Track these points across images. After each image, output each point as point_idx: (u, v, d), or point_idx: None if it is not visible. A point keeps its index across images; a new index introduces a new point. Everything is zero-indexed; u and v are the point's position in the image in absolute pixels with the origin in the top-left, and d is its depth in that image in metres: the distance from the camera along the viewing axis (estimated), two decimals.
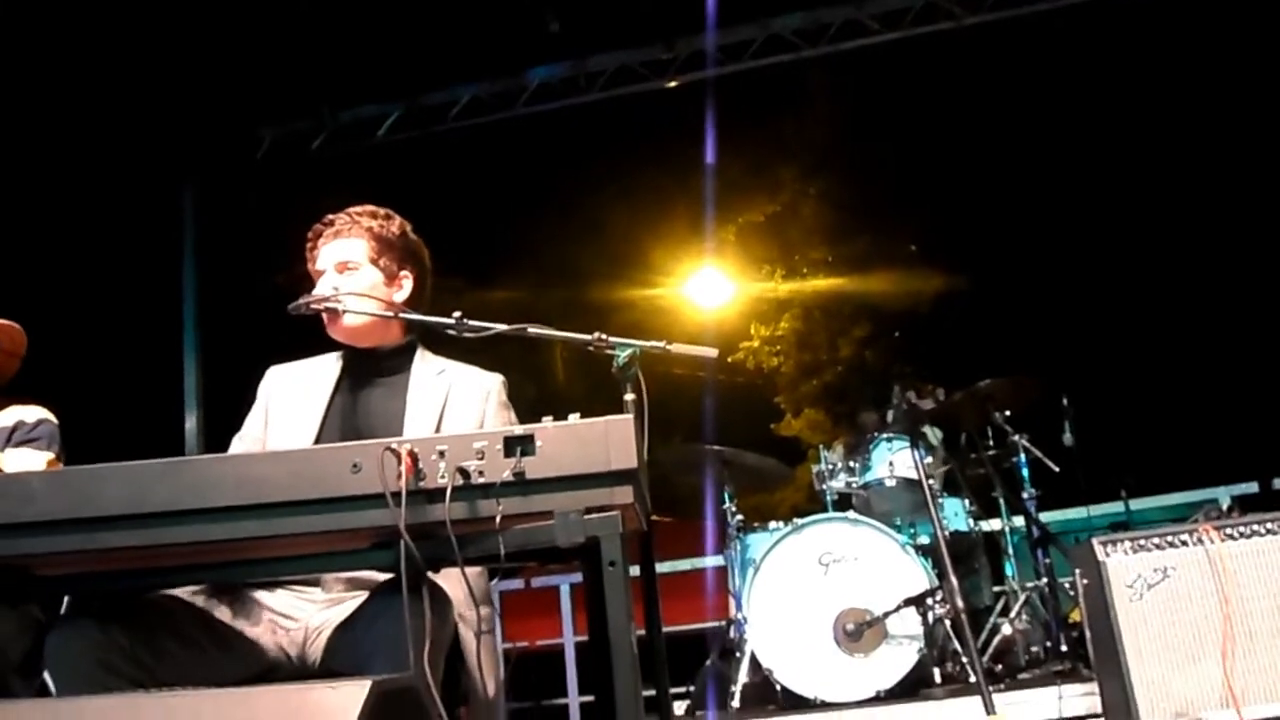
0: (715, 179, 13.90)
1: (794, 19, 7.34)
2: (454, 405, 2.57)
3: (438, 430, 2.51)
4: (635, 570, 2.23)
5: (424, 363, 2.66)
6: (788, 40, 7.38)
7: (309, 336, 2.70)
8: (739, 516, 5.14)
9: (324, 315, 2.58)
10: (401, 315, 2.55)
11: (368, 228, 2.66)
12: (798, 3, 7.33)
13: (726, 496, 5.20)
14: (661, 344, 2.36)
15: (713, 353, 2.44)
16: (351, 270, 2.62)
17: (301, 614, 2.31)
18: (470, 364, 2.67)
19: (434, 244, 2.84)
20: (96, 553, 1.76)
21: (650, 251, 14.47)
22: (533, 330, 2.37)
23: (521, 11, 7.01)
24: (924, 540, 4.88)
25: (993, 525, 5.33)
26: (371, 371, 2.63)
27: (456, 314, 2.34)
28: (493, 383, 2.65)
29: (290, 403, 2.60)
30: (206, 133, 7.59)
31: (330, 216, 2.70)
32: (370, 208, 2.72)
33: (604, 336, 2.34)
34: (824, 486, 5.33)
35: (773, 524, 4.99)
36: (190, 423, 7.55)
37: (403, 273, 2.68)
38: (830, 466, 5.36)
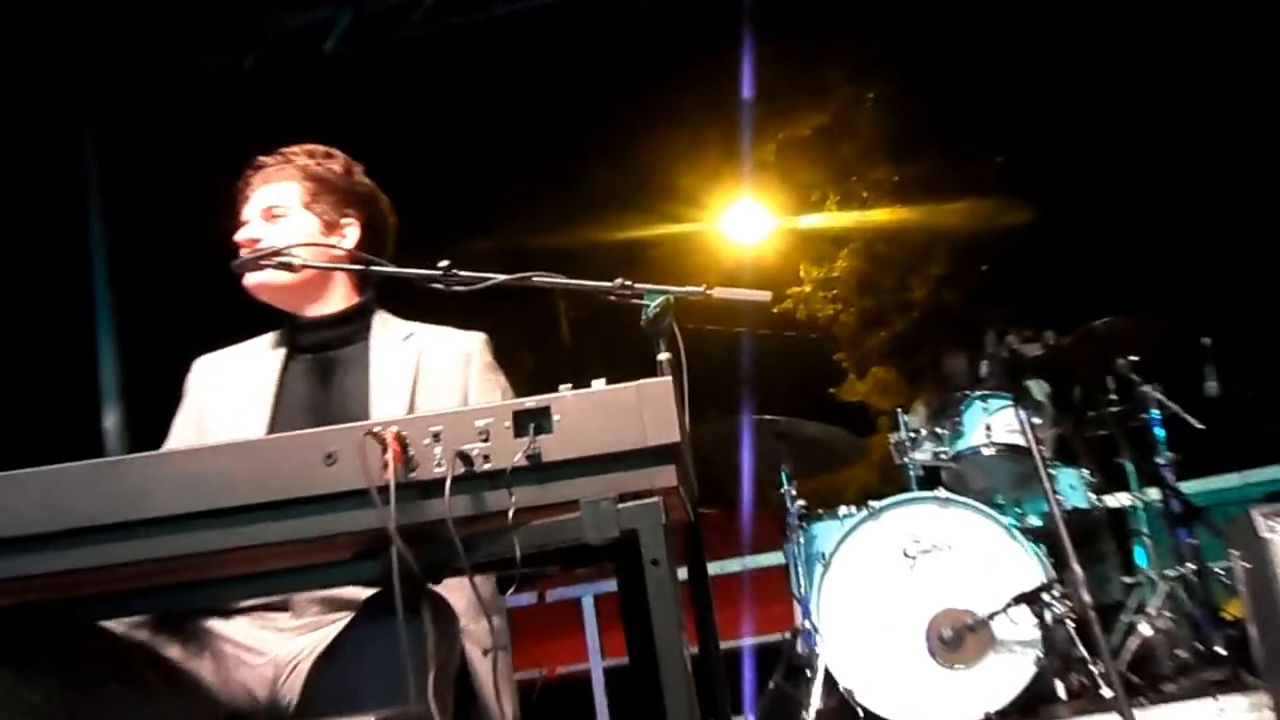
0: (747, 88, 13.80)
1: None
2: (428, 376, 2.60)
3: (411, 407, 2.53)
4: (682, 572, 2.23)
5: (385, 327, 2.68)
6: None
7: (248, 317, 2.71)
8: (800, 503, 5.13)
9: (249, 277, 2.58)
10: (371, 267, 2.54)
11: (301, 166, 2.69)
12: None
13: (783, 478, 5.19)
14: (700, 289, 2.34)
15: (765, 295, 2.43)
16: (279, 217, 2.64)
17: (269, 645, 2.32)
18: (447, 324, 2.69)
19: (405, 185, 2.83)
20: (10, 582, 1.75)
21: (672, 181, 14.40)
22: (538, 279, 2.35)
23: None
24: (1035, 522, 4.87)
25: (1120, 500, 5.30)
26: (324, 343, 2.66)
27: (443, 263, 2.32)
28: (472, 343, 2.68)
29: (228, 395, 2.61)
30: (108, 62, 7.51)
31: (261, 159, 2.72)
32: (307, 146, 2.74)
33: (628, 283, 2.32)
34: (905, 460, 5.31)
35: (843, 510, 4.99)
36: (110, 421, 7.56)
37: (345, 220, 2.70)
38: (911, 435, 5.33)
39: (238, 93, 7.77)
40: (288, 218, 2.65)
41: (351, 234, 2.71)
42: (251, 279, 2.60)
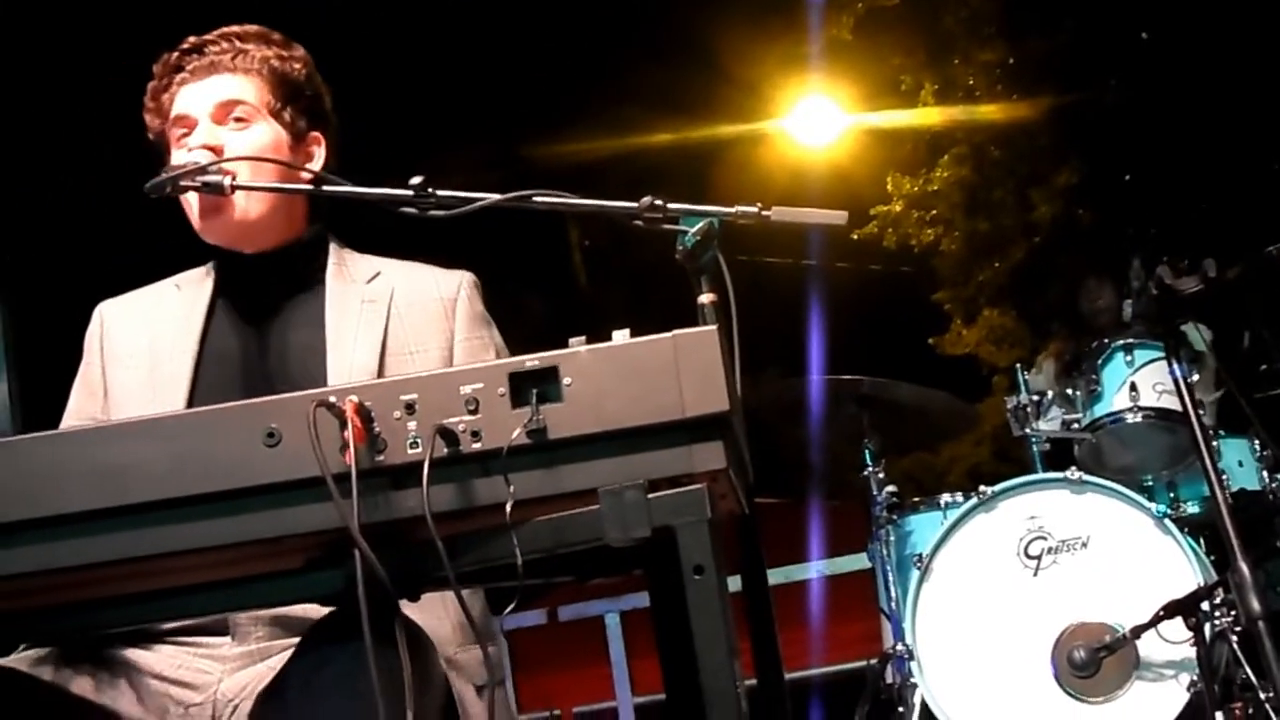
0: None
1: None
2: (401, 326, 2.63)
3: (381, 369, 2.55)
4: (734, 582, 2.24)
5: (344, 266, 2.69)
6: None
7: (165, 248, 2.71)
8: (890, 488, 5.14)
9: (194, 202, 2.58)
10: (332, 189, 2.54)
11: (263, 59, 2.68)
12: None
13: (868, 457, 5.19)
14: (755, 209, 2.33)
15: (841, 216, 2.42)
16: (240, 122, 2.63)
17: (205, 679, 2.34)
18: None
19: (370, 75, 2.83)
20: None
21: (724, 69, 14.30)
22: (541, 198, 2.34)
23: None
24: (1192, 509, 4.87)
25: None
26: (266, 289, 2.67)
27: (415, 179, 2.32)
28: (458, 283, 2.71)
29: (140, 351, 2.62)
30: None
31: (194, 39, 2.71)
32: (259, 28, 2.73)
33: (660, 202, 2.31)
34: (1027, 430, 5.31)
35: (945, 498, 5.00)
36: None
37: (312, 133, 2.74)
38: (1034, 399, 5.33)
39: None
40: (251, 125, 2.65)
41: (319, 153, 2.75)
42: (220, 211, 2.59)
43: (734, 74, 14.21)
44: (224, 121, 2.63)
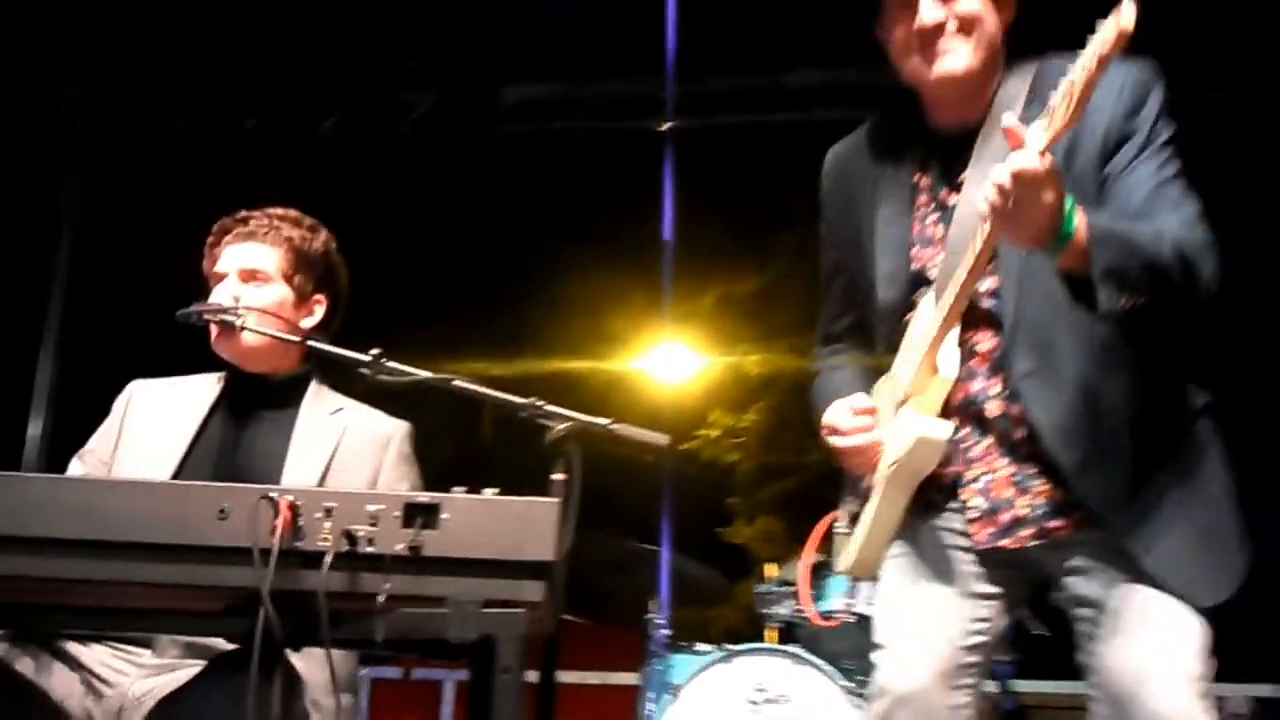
0: (700, 240, 13.94)
1: (810, 75, 7.36)
2: (346, 452, 2.57)
3: (324, 479, 2.51)
4: (534, 675, 2.20)
5: (318, 399, 2.65)
6: (799, 96, 7.42)
7: (190, 347, 2.68)
8: (665, 631, 5.08)
9: (213, 327, 2.55)
10: (310, 342, 2.53)
11: (287, 237, 2.67)
12: (815, 59, 7.31)
13: (651, 606, 5.15)
14: (605, 422, 2.34)
15: (663, 439, 2.41)
16: (260, 282, 2.62)
17: (122, 678, 2.27)
18: (380, 406, 2.66)
19: (360, 266, 2.84)
20: None
21: (610, 315, 14.41)
22: (459, 384, 2.34)
23: (504, 17, 7.06)
24: None
25: None
26: (255, 402, 2.63)
27: (374, 351, 2.31)
28: (395, 430, 2.66)
29: (152, 426, 2.57)
30: (108, 106, 7.49)
31: (245, 213, 2.71)
32: (294, 213, 2.73)
33: (541, 403, 2.31)
34: (766, 611, 5.29)
35: (700, 646, 4.95)
36: (35, 428, 7.40)
37: (317, 296, 2.70)
38: (778, 588, 5.32)
39: (227, 147, 7.73)
40: (267, 285, 2.62)
41: (319, 311, 2.71)
42: (230, 339, 2.56)
43: (616, 328, 14.33)
44: (248, 280, 2.61)
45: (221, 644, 2.10)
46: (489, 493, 1.77)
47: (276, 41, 7.21)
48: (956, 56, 2.26)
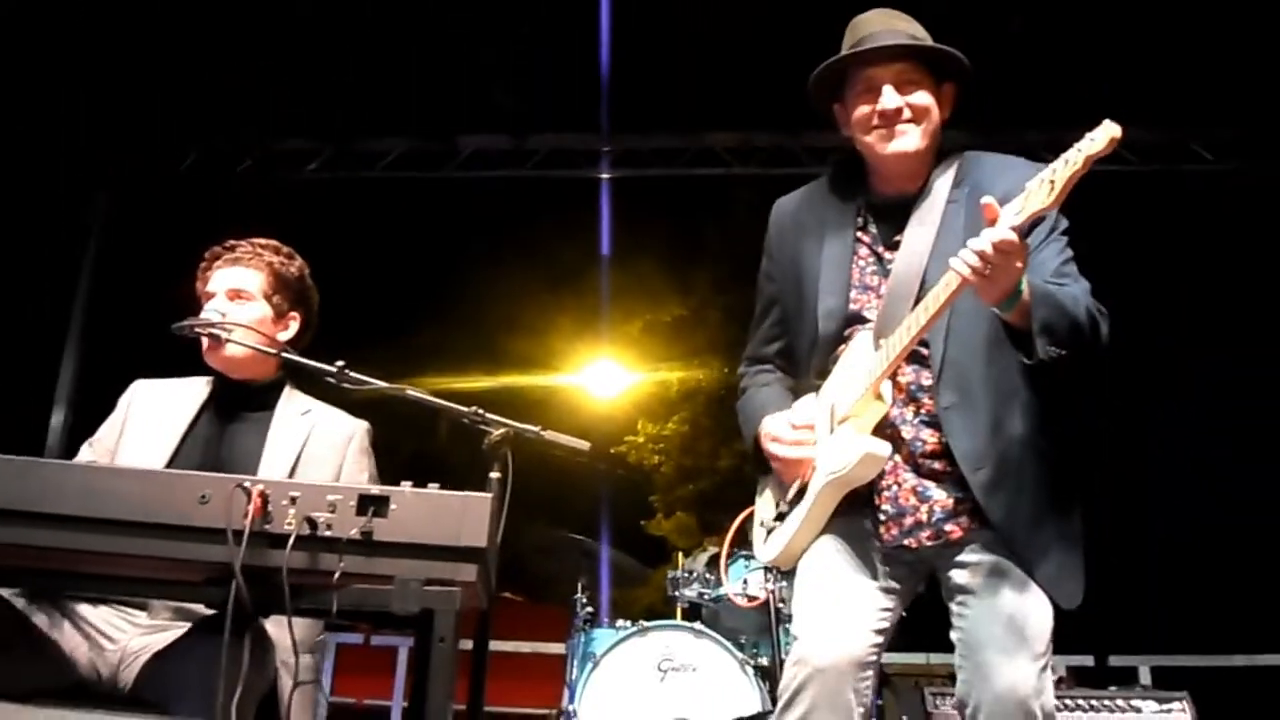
0: (630, 272, 14.01)
1: (729, 136, 7.57)
2: (313, 448, 2.59)
3: (293, 471, 2.52)
4: (471, 644, 2.25)
5: (290, 401, 2.68)
6: (718, 155, 7.61)
7: (191, 353, 2.69)
8: (588, 609, 5.12)
9: (204, 339, 2.57)
10: (284, 354, 2.56)
11: (268, 262, 2.69)
12: (736, 121, 7.54)
13: (579, 587, 5.19)
14: (535, 429, 2.39)
15: (584, 446, 2.46)
16: (243, 300, 2.64)
17: (121, 635, 2.28)
18: (358, 413, 2.70)
19: (333, 289, 2.86)
20: None
21: (552, 337, 14.42)
22: (412, 393, 2.38)
23: (462, 77, 7.13)
24: (765, 661, 4.92)
25: None
26: (238, 403, 2.64)
27: (339, 363, 2.35)
28: (355, 428, 2.69)
29: (149, 420, 2.58)
30: (131, 141, 7.48)
31: (232, 242, 2.73)
32: (274, 242, 2.76)
33: (481, 412, 2.36)
34: (676, 593, 5.35)
35: (620, 622, 4.99)
36: (56, 419, 7.32)
37: (292, 314, 2.72)
38: (685, 574, 5.38)
39: (229, 186, 7.73)
40: (250, 303, 2.64)
41: (293, 326, 2.72)
42: (216, 349, 2.59)
43: (555, 341, 14.33)
44: (234, 299, 2.64)
45: (205, 610, 2.11)
46: (433, 488, 1.81)
47: (270, 97, 7.24)
48: (909, 138, 2.39)
